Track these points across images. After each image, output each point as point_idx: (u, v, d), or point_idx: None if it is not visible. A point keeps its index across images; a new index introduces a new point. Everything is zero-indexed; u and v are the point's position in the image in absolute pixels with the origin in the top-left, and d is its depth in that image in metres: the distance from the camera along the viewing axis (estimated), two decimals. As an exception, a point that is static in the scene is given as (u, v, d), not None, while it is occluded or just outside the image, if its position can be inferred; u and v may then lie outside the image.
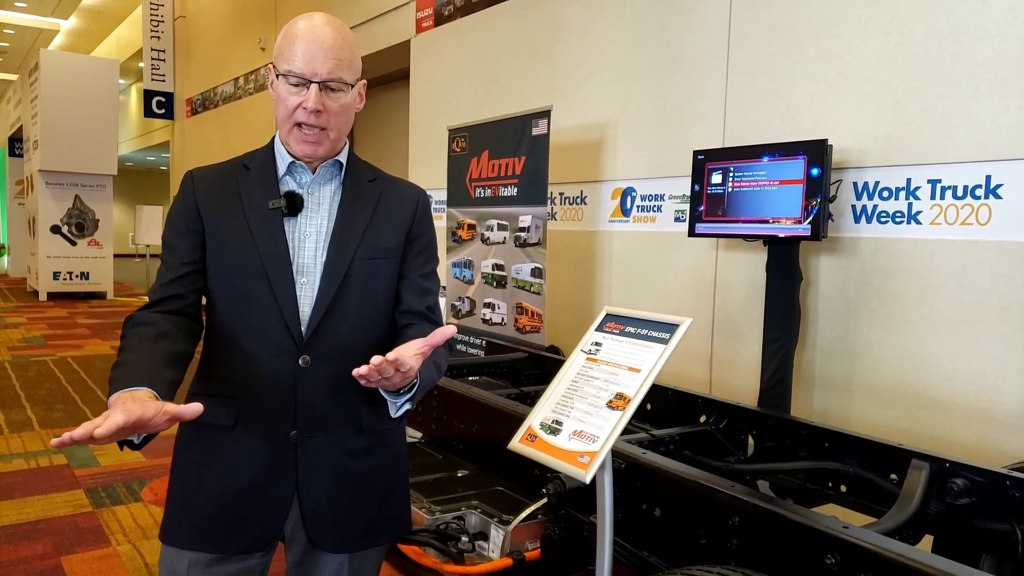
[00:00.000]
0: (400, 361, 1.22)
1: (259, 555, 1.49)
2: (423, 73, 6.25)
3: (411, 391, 1.38)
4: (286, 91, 1.41)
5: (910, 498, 1.91)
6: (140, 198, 18.70)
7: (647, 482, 1.88)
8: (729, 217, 3.15)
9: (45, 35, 17.53)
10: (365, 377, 1.22)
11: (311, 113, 1.40)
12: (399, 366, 1.22)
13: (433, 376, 1.46)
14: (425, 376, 1.39)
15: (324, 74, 1.39)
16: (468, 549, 2.05)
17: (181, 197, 1.49)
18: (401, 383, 1.29)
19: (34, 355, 7.55)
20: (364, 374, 1.22)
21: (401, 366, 1.23)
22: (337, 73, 1.40)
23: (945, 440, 2.82)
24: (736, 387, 3.56)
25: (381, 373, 1.22)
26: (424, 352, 1.28)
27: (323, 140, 1.44)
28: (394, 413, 1.41)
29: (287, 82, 1.40)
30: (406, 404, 1.40)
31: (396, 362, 1.22)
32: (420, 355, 1.28)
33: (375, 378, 1.23)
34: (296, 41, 1.39)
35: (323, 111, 1.41)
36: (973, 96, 2.78)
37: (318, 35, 1.39)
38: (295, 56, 1.38)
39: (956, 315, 2.84)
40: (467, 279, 4.78)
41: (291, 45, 1.40)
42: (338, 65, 1.40)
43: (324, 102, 1.40)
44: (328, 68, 1.39)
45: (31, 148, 12.93)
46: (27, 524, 3.41)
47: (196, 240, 1.45)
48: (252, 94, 10.19)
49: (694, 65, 3.85)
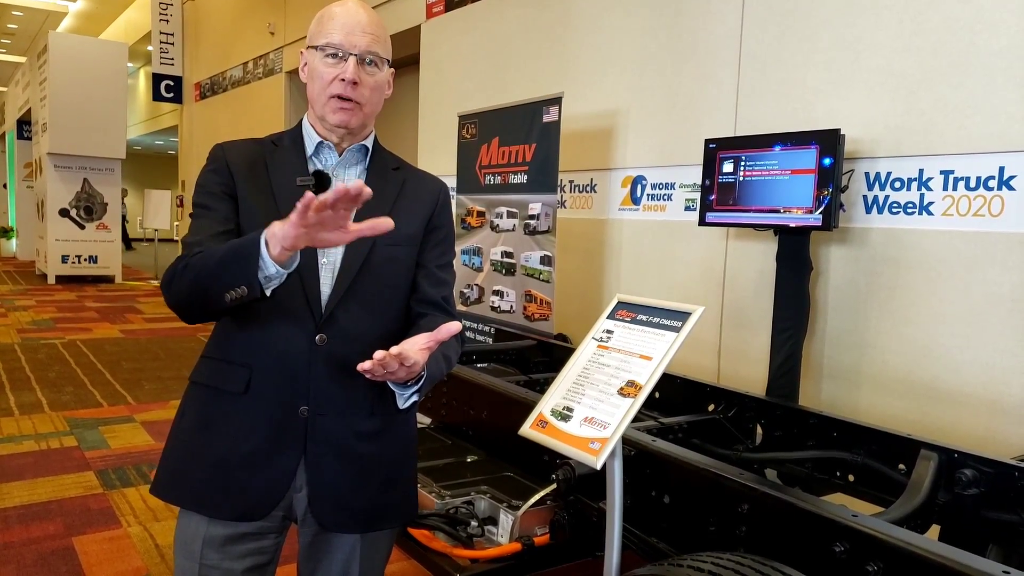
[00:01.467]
0: (404, 355, 1.23)
1: (272, 536, 1.50)
2: (433, 59, 6.23)
3: (418, 383, 1.39)
4: (323, 64, 1.45)
5: (918, 488, 1.92)
6: (148, 183, 18.71)
7: (656, 469, 1.89)
8: (740, 206, 3.15)
9: (54, 17, 17.50)
10: (369, 371, 1.23)
11: (349, 84, 1.43)
12: (403, 360, 1.23)
13: (442, 369, 1.47)
14: (433, 369, 1.41)
15: (362, 47, 1.44)
16: (477, 534, 2.06)
17: (213, 165, 1.50)
18: (407, 376, 1.30)
19: (43, 338, 7.60)
20: (368, 368, 1.22)
21: (405, 360, 1.24)
22: (374, 48, 1.46)
23: (954, 431, 2.82)
24: (745, 376, 3.56)
25: (385, 367, 1.23)
26: (430, 347, 1.30)
27: (356, 111, 1.47)
28: (401, 404, 1.43)
29: (324, 55, 1.44)
30: (413, 396, 1.42)
31: (400, 356, 1.23)
32: (426, 350, 1.29)
33: (379, 372, 1.24)
34: (334, 18, 1.45)
35: (359, 84, 1.44)
36: (988, 86, 2.77)
37: (355, 14, 1.46)
38: (333, 30, 1.44)
39: (966, 307, 2.83)
40: (476, 266, 4.78)
41: (329, 22, 1.45)
42: (375, 40, 1.46)
43: (360, 75, 1.44)
44: (366, 42, 1.44)
45: (40, 131, 12.95)
46: (38, 505, 3.44)
47: (232, 205, 1.47)
48: (261, 78, 10.17)
49: (707, 53, 3.83)
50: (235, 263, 1.26)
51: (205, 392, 1.48)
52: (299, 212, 1.14)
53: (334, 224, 1.18)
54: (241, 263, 1.25)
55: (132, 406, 5.22)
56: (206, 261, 1.31)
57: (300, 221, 1.16)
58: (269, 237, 1.22)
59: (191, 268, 1.33)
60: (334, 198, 1.12)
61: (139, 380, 5.96)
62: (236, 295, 1.26)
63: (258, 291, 1.26)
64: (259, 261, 1.23)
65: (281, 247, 1.21)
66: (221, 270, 1.28)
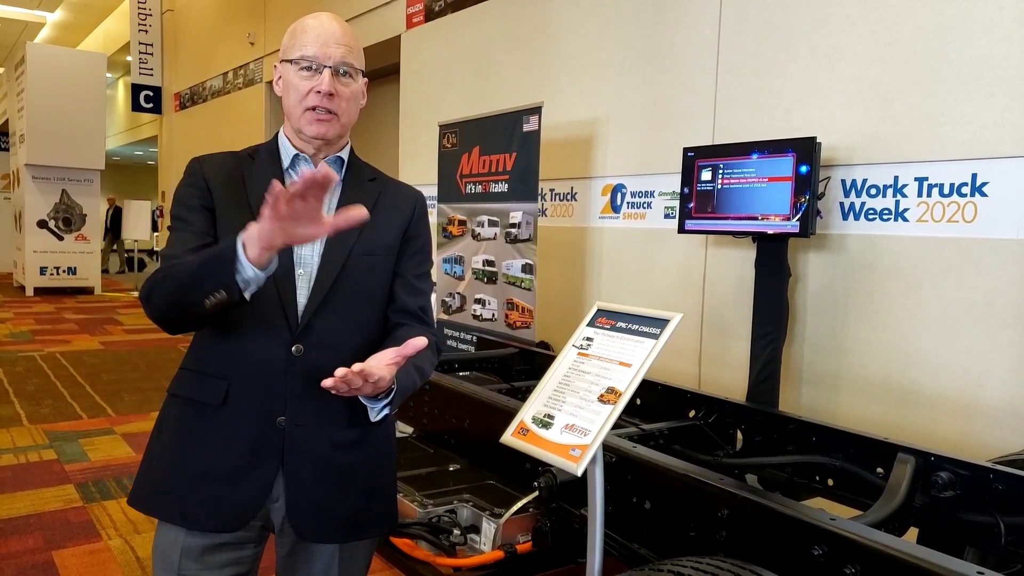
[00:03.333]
0: (367, 372, 1.23)
1: (251, 546, 1.50)
2: (413, 69, 6.24)
3: (389, 396, 1.39)
4: (298, 77, 1.46)
5: (896, 491, 1.93)
6: (128, 193, 18.58)
7: (637, 475, 1.90)
8: (718, 214, 3.18)
9: (31, 28, 17.35)
10: (333, 388, 1.23)
11: (325, 96, 1.44)
12: (367, 377, 1.23)
13: (414, 381, 1.48)
14: (404, 382, 1.41)
15: (337, 59, 1.45)
16: (460, 542, 2.06)
17: (191, 179, 1.51)
18: (373, 392, 1.30)
19: (21, 350, 7.51)
20: (330, 386, 1.22)
21: (369, 377, 1.24)
22: (348, 59, 1.47)
23: (930, 434, 2.86)
24: (725, 382, 3.58)
25: (349, 384, 1.23)
26: (397, 362, 1.30)
27: (334, 122, 1.49)
28: (373, 418, 1.43)
29: (299, 68, 1.45)
30: (384, 409, 1.42)
31: (363, 373, 1.22)
32: (393, 365, 1.29)
33: (343, 388, 1.24)
34: (307, 31, 1.47)
35: (335, 95, 1.46)
36: (960, 94, 2.82)
37: (328, 25, 1.47)
38: (307, 43, 1.45)
39: (942, 311, 2.87)
40: (458, 275, 4.79)
41: (302, 35, 1.47)
42: (348, 51, 1.47)
43: (336, 87, 1.45)
44: (340, 53, 1.46)
45: (17, 142, 12.83)
46: (18, 519, 3.40)
47: (210, 218, 1.48)
48: (241, 89, 10.14)
49: (685, 63, 3.87)
50: (213, 268, 1.27)
51: (183, 404, 1.48)
52: (270, 205, 1.16)
53: (307, 217, 1.19)
54: (219, 267, 1.25)
55: (112, 418, 5.17)
56: (185, 269, 1.32)
57: (272, 214, 1.17)
58: (246, 240, 1.23)
59: (170, 278, 1.34)
60: (303, 186, 1.14)
61: (119, 392, 5.91)
62: (215, 300, 1.27)
63: (236, 294, 1.26)
64: (236, 264, 1.24)
65: (259, 247, 1.22)
66: (200, 276, 1.28)
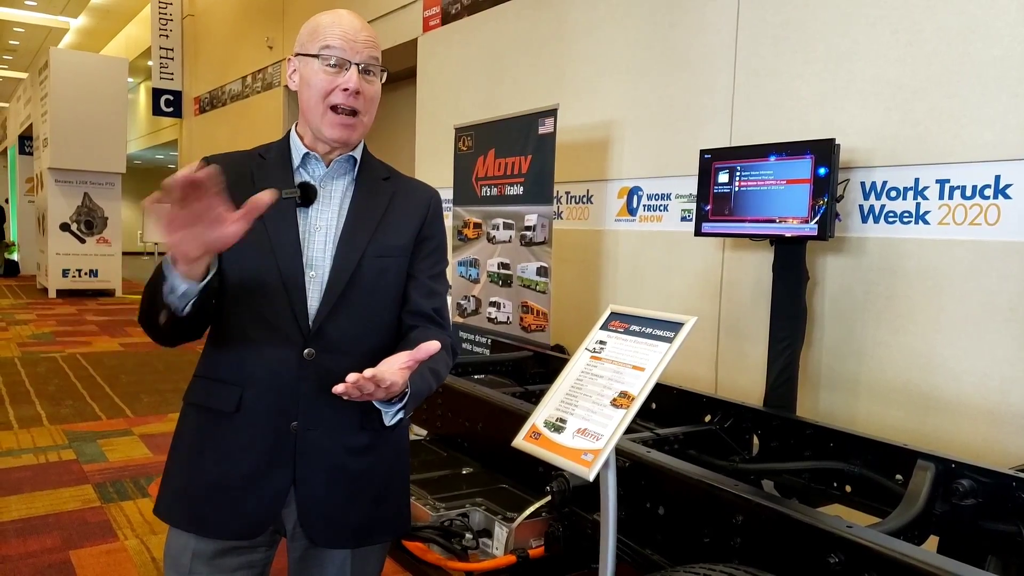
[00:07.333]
0: (379, 377, 1.20)
1: (262, 549, 1.49)
2: (430, 72, 6.25)
3: (403, 400, 1.36)
4: (321, 71, 1.41)
5: (915, 498, 1.90)
6: (148, 196, 18.73)
7: (651, 481, 1.88)
8: (735, 217, 3.15)
9: (55, 34, 17.61)
10: (344, 393, 1.20)
11: (352, 94, 1.41)
12: (379, 382, 1.21)
13: (429, 384, 1.45)
14: (419, 385, 1.38)
15: (364, 55, 1.42)
16: (472, 546, 2.05)
17: None
18: (387, 396, 1.27)
19: (43, 351, 7.60)
20: (341, 391, 1.20)
21: (381, 382, 1.21)
22: (374, 55, 1.44)
23: (951, 441, 2.81)
24: (742, 387, 3.55)
25: (360, 389, 1.20)
26: (410, 366, 1.27)
27: (357, 125, 1.46)
28: (387, 422, 1.41)
29: (323, 63, 1.41)
30: (399, 414, 1.40)
31: (375, 378, 1.20)
32: (405, 369, 1.27)
33: (355, 394, 1.21)
34: (330, 26, 1.42)
35: (361, 94, 1.42)
36: (982, 95, 2.77)
37: (352, 21, 1.44)
38: (331, 36, 1.41)
39: (963, 316, 2.83)
40: (473, 278, 4.78)
41: (325, 29, 1.42)
42: (374, 48, 1.44)
43: (362, 84, 1.42)
44: (367, 49, 1.43)
45: (41, 146, 13.00)
46: (36, 519, 3.43)
47: None
48: (259, 92, 10.21)
49: (701, 64, 3.84)
50: (153, 286, 1.29)
51: (198, 412, 1.47)
52: (155, 214, 1.14)
53: (209, 219, 1.17)
54: (156, 285, 1.27)
55: (130, 419, 5.21)
56: (145, 288, 1.34)
57: (164, 225, 1.15)
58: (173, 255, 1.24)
59: (144, 293, 1.36)
60: (179, 191, 1.11)
61: (137, 393, 5.96)
62: (165, 317, 1.29)
63: (181, 309, 1.27)
64: (165, 282, 1.25)
65: (179, 261, 1.22)
66: (148, 294, 1.31)
